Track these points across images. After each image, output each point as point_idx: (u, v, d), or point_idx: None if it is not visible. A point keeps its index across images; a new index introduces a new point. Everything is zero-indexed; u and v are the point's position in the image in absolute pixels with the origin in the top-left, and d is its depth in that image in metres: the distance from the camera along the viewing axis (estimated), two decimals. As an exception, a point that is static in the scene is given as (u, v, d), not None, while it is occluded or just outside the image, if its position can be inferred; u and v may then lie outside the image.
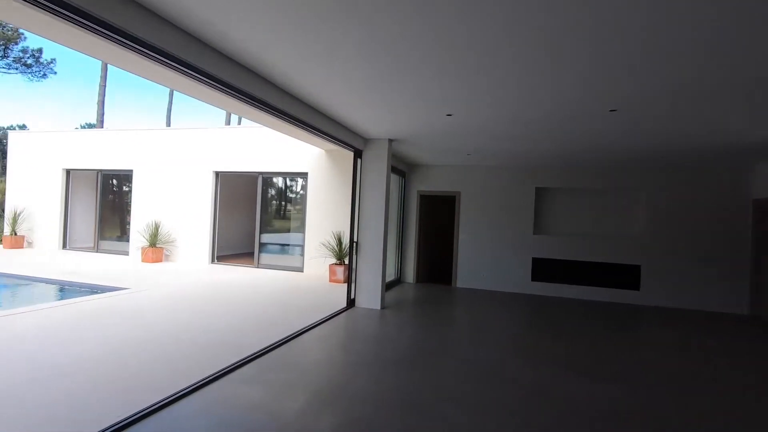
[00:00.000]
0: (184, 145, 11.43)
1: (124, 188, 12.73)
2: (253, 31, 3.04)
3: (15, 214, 12.50)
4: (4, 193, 14.68)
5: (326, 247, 9.58)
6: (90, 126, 37.12)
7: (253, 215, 11.01)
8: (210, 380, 3.64)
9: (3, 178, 19.38)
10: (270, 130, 10.46)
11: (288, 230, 11.34)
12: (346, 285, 8.68)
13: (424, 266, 10.35)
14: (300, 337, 5.08)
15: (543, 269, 9.11)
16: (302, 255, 10.38)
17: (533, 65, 3.40)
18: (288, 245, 11.13)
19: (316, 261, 9.91)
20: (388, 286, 8.54)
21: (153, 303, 6.48)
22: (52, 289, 7.95)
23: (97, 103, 24.79)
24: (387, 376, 4.03)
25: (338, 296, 7.54)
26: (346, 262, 9.31)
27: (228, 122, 28.75)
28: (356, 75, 3.85)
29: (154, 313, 5.89)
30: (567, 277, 8.94)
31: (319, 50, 3.32)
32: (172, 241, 11.22)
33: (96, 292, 7.39)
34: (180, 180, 11.33)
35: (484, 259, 9.45)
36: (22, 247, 12.40)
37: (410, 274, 9.92)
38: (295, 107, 4.79)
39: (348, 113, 5.33)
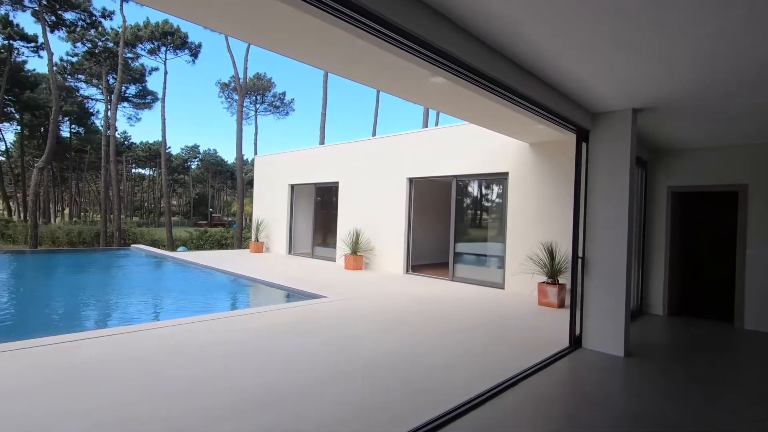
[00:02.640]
0: (380, 154, 11.49)
1: (333, 199, 13.79)
2: None
3: (257, 223, 15.11)
4: (251, 207, 18.13)
5: (533, 261, 7.77)
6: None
7: (446, 223, 10.10)
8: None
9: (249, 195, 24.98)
10: (465, 127, 9.42)
11: (484, 239, 9.97)
12: (561, 310, 6.73)
13: (678, 292, 7.33)
14: (507, 392, 3.61)
15: None
16: (502, 269, 8.83)
17: None
18: (485, 256, 9.75)
19: (521, 277, 8.19)
20: (626, 319, 6.15)
21: (347, 316, 6.12)
22: (269, 292, 8.74)
23: (320, 129, 29.01)
24: None
25: (553, 326, 5.72)
26: (561, 281, 7.32)
27: (426, 124, 29.37)
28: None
29: (345, 330, 5.42)
30: None
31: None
32: (371, 250, 11.33)
33: (301, 298, 7.66)
34: (377, 188, 11.41)
35: (802, 290, 5.91)
36: (262, 252, 14.84)
37: (657, 303, 7.12)
38: (508, 73, 3.45)
39: (574, 67, 3.64)
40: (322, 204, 13.94)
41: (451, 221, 9.80)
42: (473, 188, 10.22)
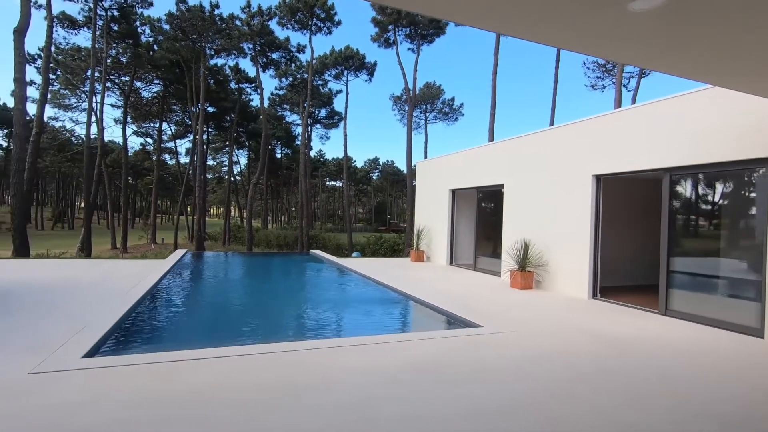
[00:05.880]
0: (556, 148, 9.32)
1: (498, 204, 12.08)
2: None
3: (418, 231, 14.51)
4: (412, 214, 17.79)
5: (831, 301, 4.64)
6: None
7: (650, 232, 7.31)
8: None
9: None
10: (687, 98, 6.64)
11: (716, 253, 6.81)
12: None
13: None
14: None
15: None
16: (758, 303, 5.73)
17: None
18: (717, 278, 6.63)
19: (801, 325, 5.06)
20: None
21: (503, 361, 4.55)
22: (415, 312, 7.74)
23: (488, 131, 27.20)
24: None
25: None
26: None
27: (618, 104, 24.23)
28: None
29: (496, 385, 3.90)
30: None
31: None
32: (543, 265, 9.23)
33: (451, 323, 6.41)
34: (551, 190, 9.26)
35: None
36: (423, 261, 14.14)
37: None
38: None
39: None
40: (485, 210, 12.37)
41: (663, 230, 7.01)
42: (698, 184, 7.13)
